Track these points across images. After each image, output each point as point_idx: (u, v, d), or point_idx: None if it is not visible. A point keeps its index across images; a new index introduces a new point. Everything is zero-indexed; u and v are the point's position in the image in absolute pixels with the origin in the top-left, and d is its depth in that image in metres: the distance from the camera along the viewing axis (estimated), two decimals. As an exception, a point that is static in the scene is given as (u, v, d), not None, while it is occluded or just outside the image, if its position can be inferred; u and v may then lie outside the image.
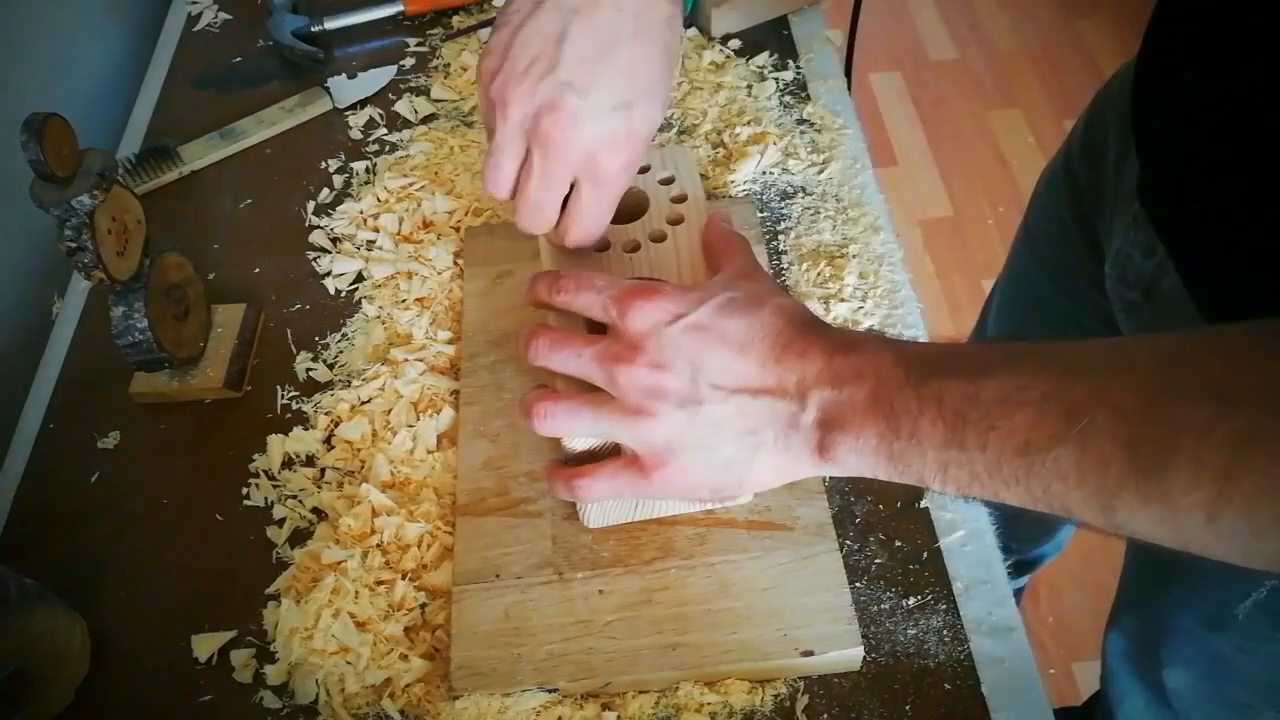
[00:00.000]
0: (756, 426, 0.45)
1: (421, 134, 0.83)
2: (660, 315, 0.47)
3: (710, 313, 0.46)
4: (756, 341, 0.45)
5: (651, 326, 0.46)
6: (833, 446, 0.44)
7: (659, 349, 0.46)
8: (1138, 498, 0.36)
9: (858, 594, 0.55)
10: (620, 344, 0.47)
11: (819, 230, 0.72)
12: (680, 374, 0.45)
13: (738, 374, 0.45)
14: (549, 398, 0.49)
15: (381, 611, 0.56)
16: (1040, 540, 1.15)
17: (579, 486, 0.50)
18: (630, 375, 0.46)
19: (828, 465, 0.45)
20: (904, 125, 2.15)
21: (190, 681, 0.56)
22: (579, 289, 0.50)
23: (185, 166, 0.82)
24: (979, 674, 0.53)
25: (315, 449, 0.64)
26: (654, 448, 0.47)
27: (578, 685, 0.52)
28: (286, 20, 0.91)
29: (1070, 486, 0.37)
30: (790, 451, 0.45)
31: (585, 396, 0.49)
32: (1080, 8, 2.32)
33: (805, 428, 0.44)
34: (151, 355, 0.64)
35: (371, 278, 0.73)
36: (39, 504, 0.65)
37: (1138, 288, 0.64)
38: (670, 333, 0.46)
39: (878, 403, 0.42)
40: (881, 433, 0.42)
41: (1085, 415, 0.37)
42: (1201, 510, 0.34)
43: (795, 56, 0.85)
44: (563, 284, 0.51)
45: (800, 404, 0.44)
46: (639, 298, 0.47)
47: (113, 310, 0.63)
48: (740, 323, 0.46)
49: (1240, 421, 0.34)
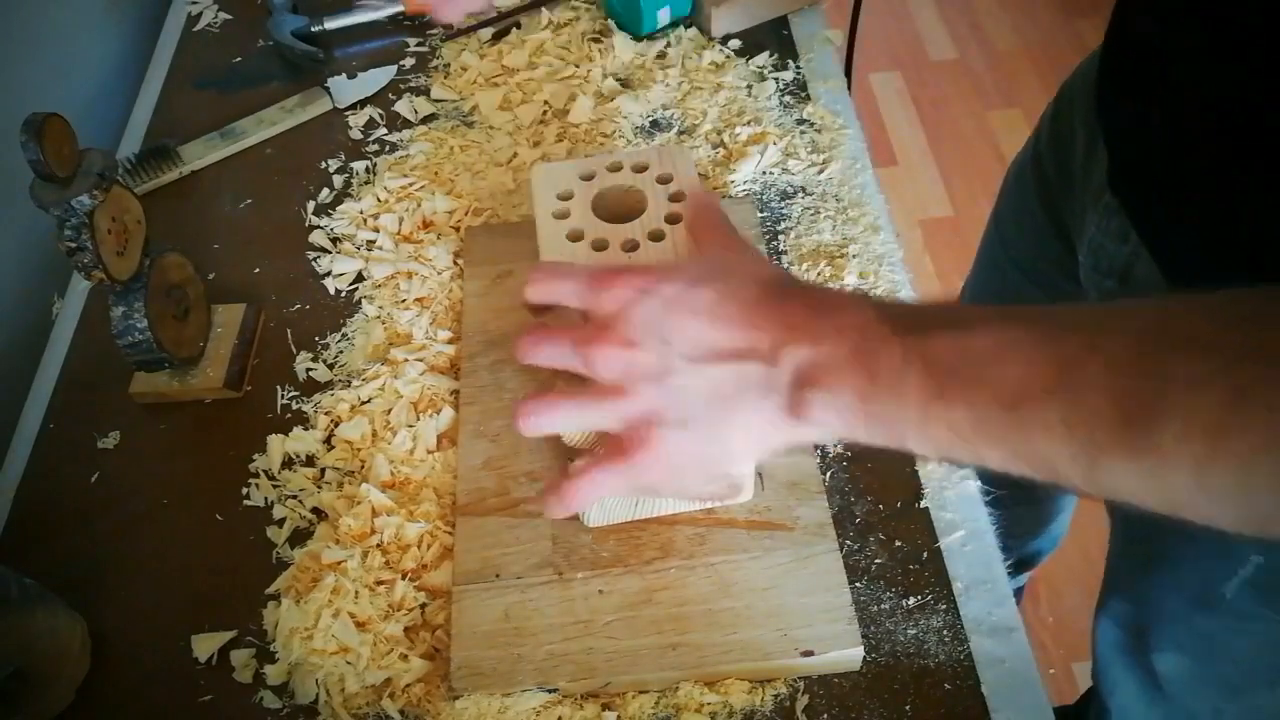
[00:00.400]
0: (730, 393, 0.44)
1: (421, 134, 0.83)
2: (629, 294, 0.46)
3: (679, 286, 0.45)
4: (726, 308, 0.45)
5: (622, 305, 0.46)
6: (806, 404, 0.42)
7: (629, 326, 0.45)
8: (1126, 452, 0.35)
9: (858, 594, 0.55)
10: (595, 327, 0.47)
11: (819, 230, 0.72)
12: (650, 349, 0.45)
13: (707, 341, 0.44)
14: (531, 398, 0.48)
15: (381, 611, 0.56)
16: (1035, 534, 1.14)
17: (570, 494, 0.49)
18: (603, 355, 0.46)
19: (803, 425, 0.43)
20: (904, 125, 2.15)
21: (190, 681, 0.56)
22: (551, 278, 0.49)
23: (185, 166, 0.82)
24: (979, 674, 0.53)
25: (315, 449, 0.64)
26: (633, 426, 0.46)
27: (578, 685, 0.52)
28: (287, 20, 0.92)
29: (1057, 442, 0.36)
30: (763, 412, 0.44)
31: (565, 390, 0.48)
32: (1080, 8, 2.32)
33: (779, 387, 0.43)
34: (151, 355, 0.64)
35: (371, 278, 0.73)
36: (39, 504, 0.65)
37: (1112, 275, 0.64)
38: (641, 309, 0.45)
39: (859, 357, 0.41)
40: (860, 388, 0.41)
41: (1076, 367, 0.36)
42: (1191, 465, 0.34)
43: (795, 56, 0.86)
44: (535, 276, 0.50)
45: (773, 363, 0.43)
46: (609, 279, 0.47)
47: (113, 310, 0.63)
48: (709, 291, 0.45)
49: (1235, 378, 0.33)
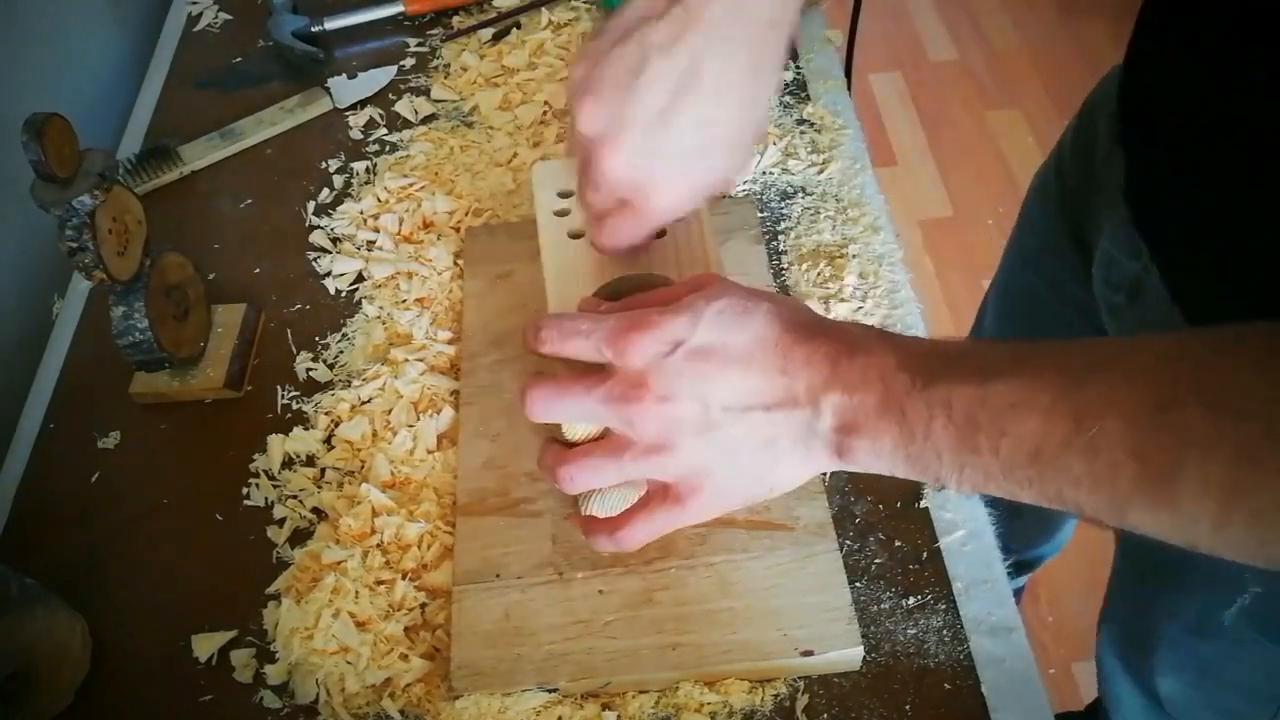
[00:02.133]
0: (774, 438, 0.45)
1: (421, 134, 0.83)
2: (658, 347, 0.46)
3: (707, 332, 0.46)
4: (758, 355, 0.45)
5: (651, 360, 0.46)
6: (852, 450, 0.44)
7: (664, 381, 0.46)
8: (1148, 504, 0.36)
9: (857, 594, 0.55)
10: (624, 383, 0.47)
11: (819, 230, 0.72)
12: (690, 402, 0.45)
13: (746, 392, 0.45)
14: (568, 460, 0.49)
15: (381, 611, 0.56)
16: (1039, 541, 1.15)
17: (622, 538, 0.50)
18: (643, 413, 0.46)
19: (847, 463, 0.45)
20: (904, 125, 2.15)
21: (190, 681, 0.56)
22: (563, 336, 0.49)
23: (185, 166, 0.83)
24: (979, 674, 0.53)
25: (315, 449, 0.64)
26: (683, 478, 0.47)
27: (578, 685, 0.52)
28: (287, 20, 0.91)
29: (1083, 492, 0.38)
30: (811, 454, 0.46)
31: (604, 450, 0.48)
32: (1080, 8, 2.32)
33: (822, 433, 0.45)
34: (152, 355, 0.64)
35: (372, 278, 0.73)
36: (39, 504, 0.65)
37: (1122, 289, 0.64)
38: (671, 363, 0.46)
39: (888, 409, 0.42)
40: (896, 436, 0.42)
41: (1094, 421, 0.37)
42: (1209, 519, 0.35)
43: (795, 56, 0.86)
44: (543, 334, 0.50)
45: (814, 410, 0.44)
46: (631, 333, 0.46)
47: (113, 310, 0.63)
48: (739, 337, 0.46)
49: (1245, 437, 0.34)
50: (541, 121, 0.83)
